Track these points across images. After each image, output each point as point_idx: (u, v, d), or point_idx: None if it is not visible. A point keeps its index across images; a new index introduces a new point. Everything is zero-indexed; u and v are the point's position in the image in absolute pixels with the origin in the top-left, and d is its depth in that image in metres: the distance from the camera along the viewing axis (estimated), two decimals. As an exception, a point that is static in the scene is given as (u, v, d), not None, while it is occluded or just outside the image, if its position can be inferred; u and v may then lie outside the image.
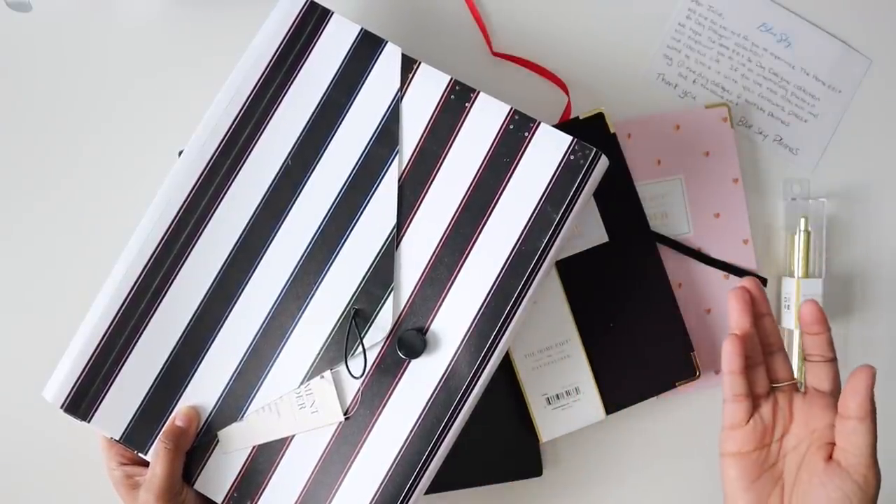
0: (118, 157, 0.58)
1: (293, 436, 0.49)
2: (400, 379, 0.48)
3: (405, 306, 0.49)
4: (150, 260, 0.49)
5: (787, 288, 0.58)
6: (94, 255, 0.58)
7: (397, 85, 0.49)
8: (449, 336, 0.48)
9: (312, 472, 0.48)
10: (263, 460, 0.49)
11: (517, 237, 0.48)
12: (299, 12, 0.50)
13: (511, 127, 0.48)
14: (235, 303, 0.49)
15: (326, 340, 0.49)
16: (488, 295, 0.48)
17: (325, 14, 0.50)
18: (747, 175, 0.58)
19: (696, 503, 0.59)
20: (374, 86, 0.50)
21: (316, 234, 0.50)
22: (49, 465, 0.59)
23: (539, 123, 0.48)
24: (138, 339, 0.49)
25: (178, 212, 0.50)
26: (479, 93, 0.49)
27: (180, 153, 0.57)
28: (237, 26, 0.58)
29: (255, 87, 0.50)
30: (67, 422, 0.50)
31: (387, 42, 0.50)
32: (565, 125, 0.56)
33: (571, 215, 0.48)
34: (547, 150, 0.48)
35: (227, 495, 0.49)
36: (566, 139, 0.48)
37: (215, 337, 0.49)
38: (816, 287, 0.57)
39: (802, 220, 0.58)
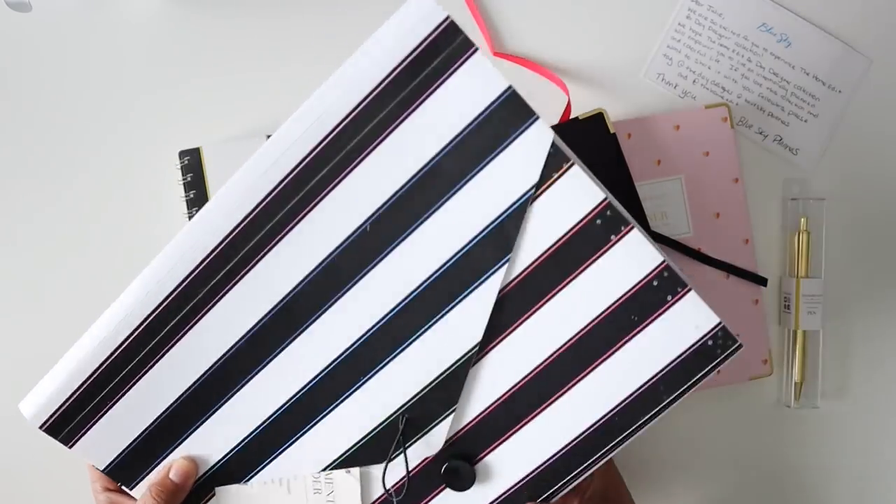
0: (118, 157, 0.58)
1: None
2: (432, 499, 0.44)
3: (463, 429, 0.43)
4: (176, 290, 0.42)
5: (787, 288, 0.58)
6: (93, 255, 0.58)
7: (534, 180, 0.39)
8: (498, 477, 0.43)
9: None
10: None
11: (615, 405, 0.42)
12: (432, 32, 0.38)
13: (655, 283, 0.40)
14: (266, 366, 0.43)
15: (363, 439, 0.44)
16: (557, 454, 0.43)
17: (466, 47, 0.38)
18: (747, 175, 0.58)
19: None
20: (503, 169, 0.39)
21: (381, 321, 0.42)
22: (50, 469, 0.59)
23: (689, 290, 0.40)
24: (142, 375, 0.44)
25: (221, 242, 0.41)
26: (632, 227, 0.40)
27: (180, 153, 0.57)
28: (237, 26, 0.58)
29: (345, 119, 0.40)
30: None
31: (538, 118, 0.39)
32: (565, 125, 0.56)
33: (680, 401, 0.41)
34: (685, 324, 0.40)
35: None
36: (713, 320, 0.40)
37: (234, 394, 0.44)
38: (816, 287, 0.57)
39: (802, 220, 0.58)
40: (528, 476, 0.43)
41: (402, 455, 0.43)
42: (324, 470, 0.44)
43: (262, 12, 0.58)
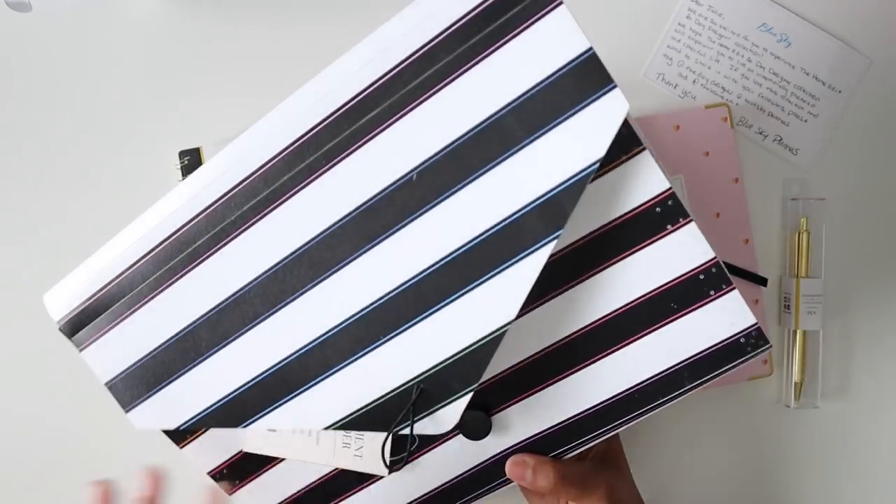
0: (118, 156, 0.58)
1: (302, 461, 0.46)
2: (443, 444, 0.44)
3: (483, 383, 0.42)
4: (210, 207, 0.41)
5: (787, 288, 0.58)
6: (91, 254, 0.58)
7: (599, 155, 0.37)
8: (511, 431, 0.43)
9: (311, 484, 0.46)
10: (258, 460, 0.46)
11: (637, 382, 0.41)
12: None
13: (701, 277, 0.40)
14: (287, 305, 0.41)
15: (372, 403, 0.42)
16: (572, 418, 0.42)
17: None
18: (747, 175, 0.58)
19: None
20: (569, 136, 0.37)
21: (412, 280, 0.40)
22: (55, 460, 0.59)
23: (733, 289, 0.40)
24: (164, 289, 0.42)
25: (263, 166, 0.40)
26: (690, 220, 0.39)
27: (180, 153, 0.57)
28: (237, 26, 0.58)
29: (408, 58, 0.37)
30: (67, 423, 0.50)
31: (615, 86, 0.36)
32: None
33: (700, 389, 0.41)
34: (722, 319, 0.40)
35: (217, 468, 0.46)
36: (749, 319, 0.40)
37: (250, 329, 0.42)
38: (816, 287, 0.57)
39: (802, 220, 0.58)
40: (539, 433, 0.43)
41: (410, 433, 0.42)
42: (326, 429, 0.43)
43: (263, 12, 0.58)
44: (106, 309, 0.43)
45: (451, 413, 0.41)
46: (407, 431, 0.41)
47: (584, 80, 0.36)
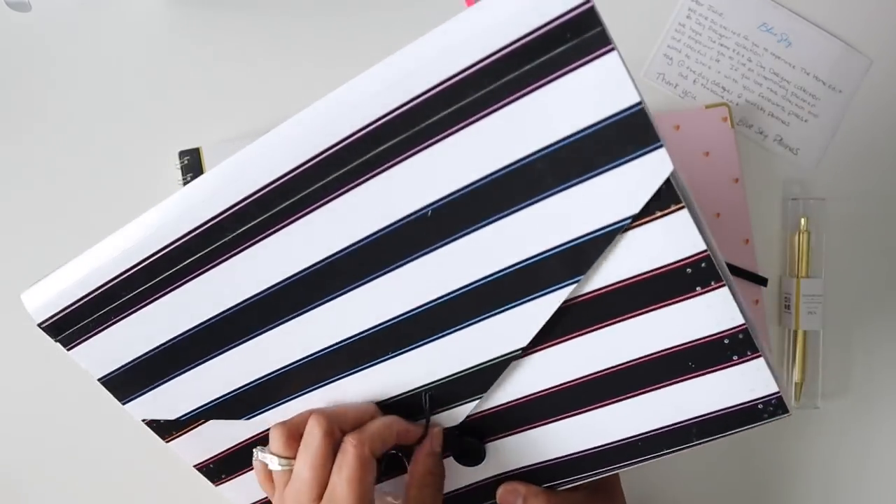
0: (117, 156, 0.58)
1: None
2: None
3: (483, 412, 0.41)
4: (222, 215, 0.38)
5: (787, 288, 0.58)
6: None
7: (634, 211, 0.35)
8: (503, 461, 0.42)
9: None
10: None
11: (642, 432, 0.40)
12: (566, 13, 0.32)
13: (726, 342, 0.37)
14: (290, 319, 0.40)
15: (379, 405, 0.42)
16: (568, 457, 0.41)
17: (602, 42, 0.32)
18: (747, 175, 0.58)
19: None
20: (603, 189, 0.34)
21: (425, 307, 0.39)
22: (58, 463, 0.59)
23: (759, 356, 0.37)
24: (163, 294, 0.40)
25: (283, 176, 0.37)
26: (723, 285, 0.36)
27: (180, 153, 0.57)
28: (237, 26, 0.58)
29: (436, 87, 0.34)
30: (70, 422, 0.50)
31: (661, 145, 0.33)
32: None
33: (703, 446, 0.40)
34: (742, 384, 0.38)
35: (204, 462, 0.46)
36: (771, 388, 0.38)
37: (256, 336, 0.41)
38: (816, 287, 0.57)
39: (802, 220, 0.57)
40: (532, 466, 0.42)
41: (426, 419, 0.41)
42: None
43: (263, 12, 0.58)
44: (96, 311, 0.42)
45: (456, 415, 0.41)
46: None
47: (628, 134, 0.33)
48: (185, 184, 0.56)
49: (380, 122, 0.35)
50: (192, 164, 0.57)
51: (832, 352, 0.58)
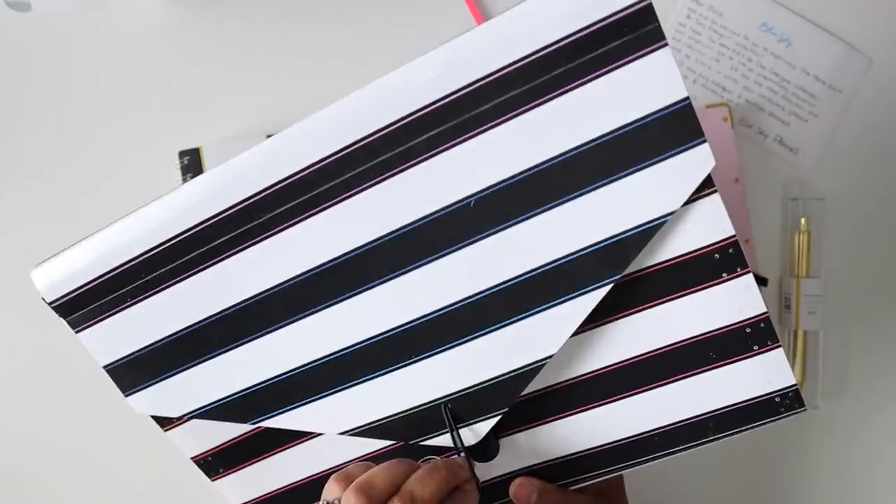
0: (117, 156, 0.58)
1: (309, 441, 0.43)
2: (449, 456, 0.42)
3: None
4: (247, 201, 0.37)
5: (787, 288, 0.58)
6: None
7: (677, 206, 0.35)
8: (517, 456, 0.41)
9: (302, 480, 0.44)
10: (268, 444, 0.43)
11: (658, 427, 0.39)
12: (625, 8, 0.33)
13: (748, 330, 0.37)
14: (317, 312, 0.39)
15: (393, 416, 0.40)
16: (583, 452, 0.40)
17: (656, 37, 0.33)
18: (747, 175, 0.58)
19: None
20: (647, 184, 0.35)
21: (455, 305, 0.37)
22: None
23: (777, 347, 0.37)
24: (181, 279, 0.39)
25: (312, 165, 0.36)
26: (748, 272, 0.36)
27: (180, 153, 0.57)
28: (237, 26, 0.58)
29: (488, 76, 0.34)
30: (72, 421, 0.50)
31: (705, 140, 0.34)
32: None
33: (723, 441, 0.39)
34: (760, 376, 0.38)
35: (202, 454, 0.44)
36: (789, 380, 0.38)
37: (274, 331, 0.39)
38: (816, 287, 0.57)
39: (802, 220, 0.57)
40: (549, 461, 0.41)
41: (452, 435, 0.40)
42: (343, 433, 0.41)
43: (263, 12, 0.58)
44: (110, 293, 0.40)
45: (477, 430, 0.40)
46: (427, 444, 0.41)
47: (675, 129, 0.34)
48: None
49: (429, 109, 0.35)
50: (192, 164, 0.57)
51: (832, 352, 0.58)
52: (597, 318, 0.38)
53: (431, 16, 0.59)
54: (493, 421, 0.39)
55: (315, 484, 0.45)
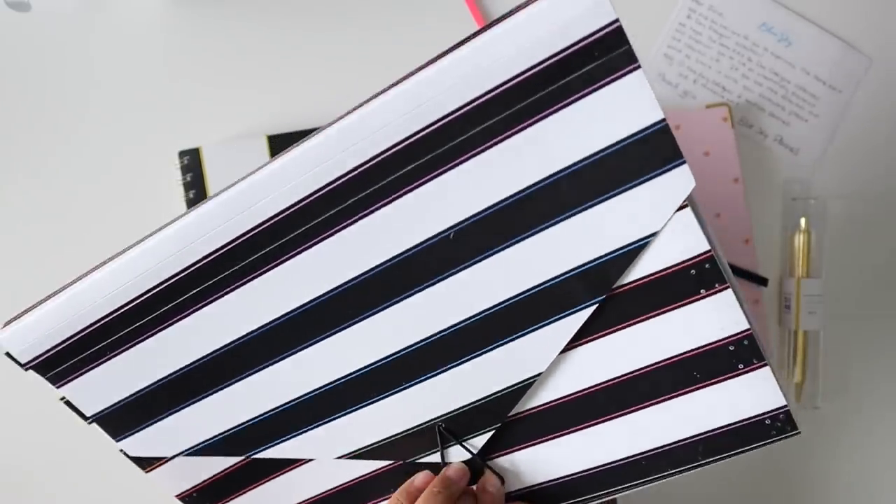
0: (117, 156, 0.58)
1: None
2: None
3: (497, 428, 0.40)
4: (222, 249, 0.37)
5: (787, 288, 0.58)
6: (92, 256, 0.58)
7: (657, 227, 0.35)
8: (508, 480, 0.41)
9: None
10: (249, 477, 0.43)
11: (646, 450, 0.39)
12: (594, 33, 0.32)
13: (731, 348, 0.36)
14: (297, 352, 0.39)
15: (387, 439, 0.40)
16: (567, 477, 0.40)
17: (628, 60, 0.32)
18: (747, 175, 0.58)
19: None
20: (627, 207, 0.34)
21: (440, 334, 0.38)
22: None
23: (765, 365, 0.36)
24: (159, 329, 0.39)
25: (289, 208, 0.36)
26: (727, 287, 0.35)
27: (180, 153, 0.57)
28: (237, 26, 0.58)
29: (460, 108, 0.34)
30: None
31: (684, 162, 0.34)
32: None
33: (710, 465, 0.38)
34: (748, 396, 0.37)
35: (186, 492, 0.44)
36: (779, 401, 0.37)
37: (251, 374, 0.40)
38: (817, 287, 0.57)
39: (802, 220, 0.57)
40: (537, 485, 0.41)
41: (431, 456, 0.40)
42: (338, 458, 0.41)
43: (263, 12, 0.58)
44: (87, 349, 0.40)
45: (471, 446, 0.40)
46: (423, 461, 0.41)
47: (652, 151, 0.33)
48: (184, 184, 0.56)
49: (401, 146, 0.35)
50: (192, 164, 0.57)
51: (832, 352, 0.58)
52: (577, 338, 0.38)
53: (431, 16, 0.59)
54: (487, 436, 0.39)
55: None
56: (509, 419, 0.40)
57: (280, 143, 0.56)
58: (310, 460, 0.42)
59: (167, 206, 0.57)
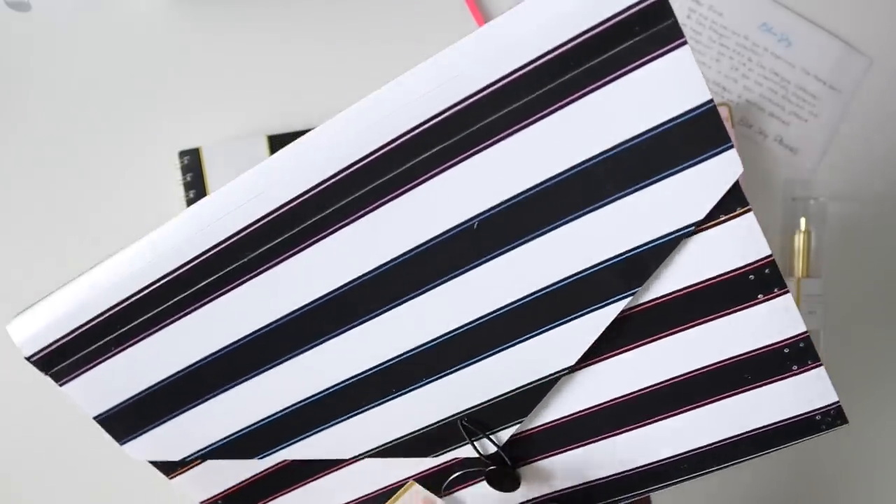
0: (117, 156, 0.58)
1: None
2: (466, 488, 0.40)
3: (523, 433, 0.38)
4: (234, 237, 0.35)
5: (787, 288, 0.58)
6: (92, 256, 0.58)
7: (699, 216, 0.33)
8: (539, 484, 0.40)
9: None
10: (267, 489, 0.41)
11: (689, 450, 0.38)
12: (635, 4, 0.29)
13: (786, 351, 0.35)
14: (314, 347, 0.37)
15: (409, 434, 0.39)
16: (608, 478, 0.39)
17: (673, 35, 0.30)
18: (747, 175, 0.58)
19: (695, 503, 0.59)
20: (668, 194, 0.32)
21: (466, 327, 0.36)
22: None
23: (819, 365, 0.36)
24: (168, 323, 0.37)
25: (303, 194, 0.34)
26: (785, 292, 0.34)
27: (180, 153, 0.57)
28: (238, 26, 0.58)
29: (488, 87, 0.31)
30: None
31: (732, 145, 0.32)
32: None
33: (758, 458, 0.38)
34: (801, 396, 0.36)
35: (211, 498, 0.42)
36: (831, 397, 0.36)
37: (266, 370, 0.37)
38: (816, 287, 0.57)
39: (802, 220, 0.57)
40: (569, 489, 0.40)
41: (450, 452, 0.39)
42: (357, 457, 0.39)
43: (263, 12, 0.58)
44: (93, 342, 0.37)
45: (496, 440, 0.38)
46: (444, 458, 0.39)
47: (697, 135, 0.31)
48: (184, 184, 0.56)
49: (424, 127, 0.32)
50: (192, 164, 0.57)
51: (832, 352, 0.58)
52: (626, 344, 0.36)
53: (432, 16, 0.59)
54: (513, 429, 0.38)
55: None
56: (549, 426, 0.38)
57: (280, 143, 0.56)
58: (339, 467, 0.41)
59: (167, 206, 0.57)
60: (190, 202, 0.56)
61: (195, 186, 0.56)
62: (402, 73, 0.33)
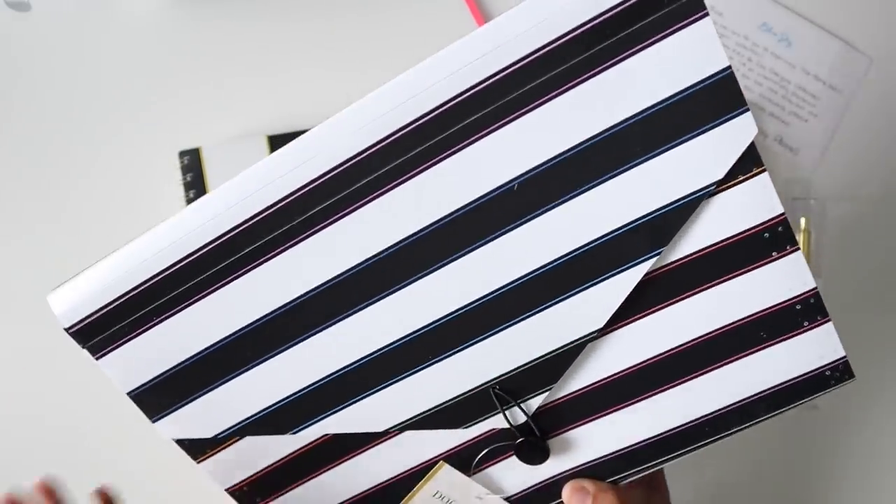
0: (117, 157, 0.58)
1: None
2: (497, 464, 0.41)
3: (551, 403, 0.39)
4: (272, 207, 0.36)
5: (788, 288, 0.58)
6: (91, 255, 0.58)
7: (719, 176, 0.35)
8: (570, 454, 0.40)
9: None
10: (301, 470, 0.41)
11: (710, 412, 0.39)
12: None
13: (798, 307, 0.37)
14: (348, 317, 0.38)
15: (441, 405, 0.39)
16: (635, 446, 0.40)
17: (696, 6, 0.33)
18: (747, 175, 0.58)
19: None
20: (690, 155, 0.34)
21: (497, 292, 0.37)
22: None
23: (828, 321, 0.38)
24: (206, 294, 0.37)
25: (338, 166, 0.35)
26: (797, 249, 0.36)
27: (180, 153, 0.57)
28: (237, 26, 0.58)
29: (525, 58, 0.34)
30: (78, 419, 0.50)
31: (748, 108, 0.34)
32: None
33: (774, 417, 0.39)
34: (811, 351, 0.38)
35: (237, 484, 0.42)
36: (839, 352, 0.38)
37: (300, 342, 0.38)
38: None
39: (802, 220, 0.57)
40: (600, 458, 0.40)
41: (482, 422, 0.39)
42: (389, 429, 0.40)
43: (263, 12, 0.58)
44: (133, 313, 0.38)
45: (525, 409, 0.39)
46: (474, 431, 0.40)
47: (718, 99, 0.34)
48: (184, 184, 0.56)
49: (465, 95, 0.34)
50: (192, 164, 0.57)
51: (832, 352, 0.58)
52: (643, 309, 0.37)
53: (432, 16, 0.59)
54: (542, 397, 0.39)
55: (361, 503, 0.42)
56: (574, 395, 0.39)
57: (280, 144, 0.56)
58: (369, 446, 0.41)
59: (167, 206, 0.57)
60: (190, 202, 0.56)
61: (195, 186, 0.56)
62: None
